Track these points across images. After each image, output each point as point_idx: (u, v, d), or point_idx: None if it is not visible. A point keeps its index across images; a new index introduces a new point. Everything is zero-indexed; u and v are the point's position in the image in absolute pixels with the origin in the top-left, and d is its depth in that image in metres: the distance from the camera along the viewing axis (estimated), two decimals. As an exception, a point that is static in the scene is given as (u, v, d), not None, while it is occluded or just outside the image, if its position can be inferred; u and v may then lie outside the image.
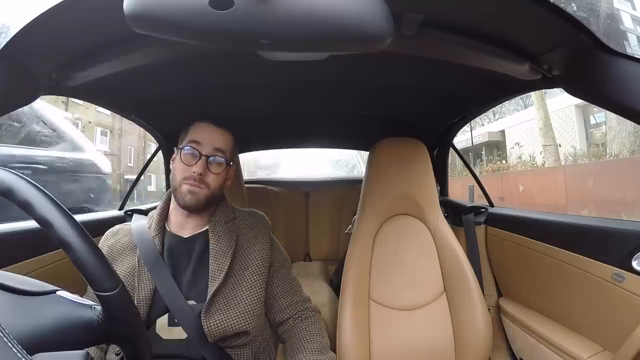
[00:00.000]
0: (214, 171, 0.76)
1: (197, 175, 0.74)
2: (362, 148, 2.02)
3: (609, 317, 0.80)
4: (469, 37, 0.61)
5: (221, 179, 0.79)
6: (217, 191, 0.78)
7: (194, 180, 0.74)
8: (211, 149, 0.76)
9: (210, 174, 0.76)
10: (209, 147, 0.76)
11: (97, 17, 0.53)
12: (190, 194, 0.74)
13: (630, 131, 6.46)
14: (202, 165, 0.75)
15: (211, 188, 0.76)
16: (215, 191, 0.78)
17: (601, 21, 0.49)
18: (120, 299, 0.40)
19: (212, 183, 0.76)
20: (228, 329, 0.71)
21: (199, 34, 0.39)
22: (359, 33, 0.39)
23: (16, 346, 0.28)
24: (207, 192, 0.76)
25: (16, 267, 0.82)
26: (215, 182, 0.77)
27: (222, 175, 0.78)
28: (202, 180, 0.75)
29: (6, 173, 0.37)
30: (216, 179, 0.77)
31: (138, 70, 0.71)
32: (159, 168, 7.18)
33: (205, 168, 0.75)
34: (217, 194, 0.79)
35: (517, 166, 9.68)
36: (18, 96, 0.60)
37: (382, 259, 1.07)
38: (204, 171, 0.75)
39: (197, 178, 0.74)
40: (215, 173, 0.77)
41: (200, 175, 0.74)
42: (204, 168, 0.75)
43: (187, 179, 0.75)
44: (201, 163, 0.75)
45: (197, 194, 0.75)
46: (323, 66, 0.80)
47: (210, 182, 0.76)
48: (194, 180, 0.74)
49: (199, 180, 0.74)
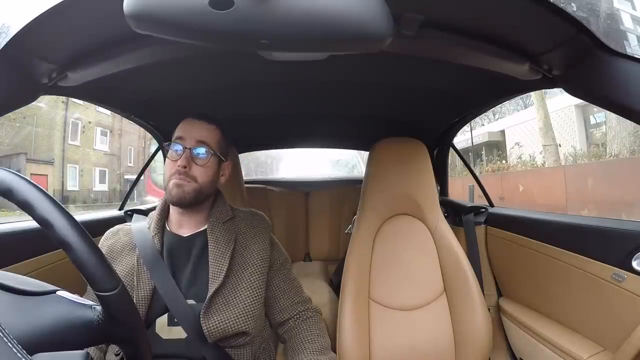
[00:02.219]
0: (198, 163, 0.76)
1: (181, 169, 0.74)
2: (362, 148, 2.03)
3: (609, 317, 0.80)
4: (469, 37, 0.61)
5: (210, 172, 0.78)
6: (206, 185, 0.77)
7: (179, 174, 0.74)
8: (194, 142, 0.76)
9: (195, 166, 0.76)
10: (191, 140, 0.76)
11: (97, 17, 0.53)
12: (176, 187, 0.74)
13: (630, 131, 6.46)
14: (185, 158, 0.74)
15: (199, 181, 0.76)
16: (205, 185, 0.77)
17: (601, 21, 0.49)
18: (120, 299, 0.40)
19: (199, 176, 0.76)
20: (227, 330, 0.71)
21: (199, 34, 0.39)
22: (359, 33, 0.39)
23: (16, 346, 0.28)
24: (194, 186, 0.75)
25: (16, 267, 0.82)
26: (202, 176, 0.76)
27: (209, 167, 0.77)
28: (188, 173, 0.74)
29: (6, 173, 0.37)
30: (203, 172, 0.76)
31: (138, 70, 0.71)
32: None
33: (190, 161, 0.75)
34: (207, 188, 0.78)
35: (517, 166, 9.68)
36: (18, 96, 0.60)
37: (382, 258, 1.07)
38: (188, 164, 0.74)
39: (181, 171, 0.74)
40: (200, 165, 0.76)
41: (185, 168, 0.74)
42: (188, 161, 0.75)
43: (173, 175, 0.75)
44: (185, 156, 0.75)
45: (183, 187, 0.74)
46: (323, 66, 0.80)
47: (196, 176, 0.75)
48: (179, 173, 0.74)
49: (185, 173, 0.74)
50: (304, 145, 2.03)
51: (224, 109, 1.26)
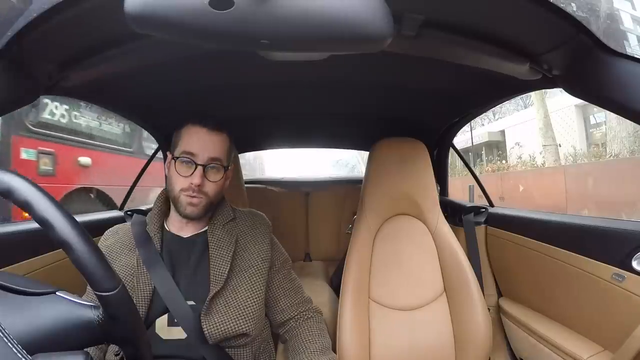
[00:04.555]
0: (212, 179, 0.75)
1: (195, 187, 0.73)
2: (362, 148, 2.02)
3: (609, 317, 0.80)
4: (469, 37, 0.61)
5: (220, 185, 0.78)
6: (216, 197, 0.78)
7: (192, 192, 0.73)
8: (207, 159, 0.74)
9: (208, 182, 0.75)
10: (204, 156, 0.74)
11: (97, 17, 0.53)
12: (190, 206, 0.74)
13: (630, 131, 6.45)
14: (199, 175, 0.73)
15: (210, 196, 0.76)
16: (215, 197, 0.77)
17: (601, 21, 0.49)
18: (120, 299, 0.40)
19: (211, 191, 0.76)
20: (228, 331, 0.71)
21: (199, 34, 0.39)
22: (359, 33, 0.39)
23: (16, 346, 0.28)
24: (206, 201, 0.75)
25: (16, 267, 0.82)
26: (214, 190, 0.76)
27: (220, 181, 0.77)
28: (201, 190, 0.74)
29: (6, 173, 0.37)
30: (215, 187, 0.76)
31: (138, 70, 0.71)
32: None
33: (203, 178, 0.74)
34: (216, 199, 0.78)
35: (517, 166, 9.66)
36: (18, 96, 0.60)
37: (382, 259, 1.07)
38: (201, 182, 0.73)
39: (195, 189, 0.73)
40: (213, 181, 0.75)
41: (199, 186, 0.73)
42: (202, 178, 0.73)
43: (185, 190, 0.73)
44: (198, 174, 0.73)
45: (197, 205, 0.74)
46: (323, 66, 0.79)
47: (208, 191, 0.75)
48: (192, 191, 0.73)
49: (198, 190, 0.73)
50: (304, 145, 2.03)
51: (224, 109, 1.26)
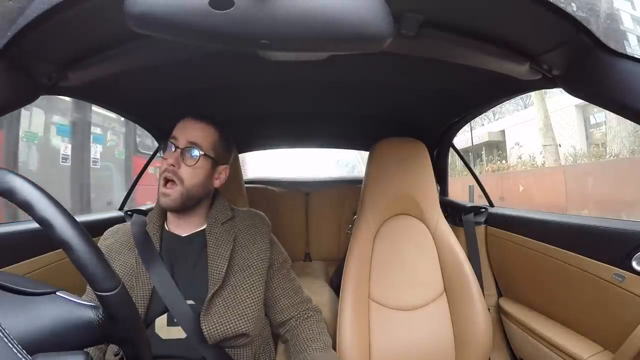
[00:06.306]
0: (187, 164, 0.75)
1: (169, 167, 0.74)
2: (362, 148, 2.02)
3: (609, 317, 0.80)
4: (469, 37, 0.61)
5: (199, 174, 0.76)
6: (195, 187, 0.76)
7: (167, 172, 0.74)
8: (185, 142, 0.75)
9: (184, 166, 0.75)
10: (183, 140, 0.76)
11: (97, 17, 0.53)
12: (163, 196, 0.74)
13: (630, 131, 6.45)
14: (175, 157, 0.74)
15: (185, 184, 0.74)
16: (193, 187, 0.75)
17: (601, 21, 0.49)
18: (120, 299, 0.40)
19: (187, 178, 0.74)
20: (227, 332, 0.71)
21: (199, 34, 0.39)
22: (359, 33, 0.39)
23: (16, 346, 0.28)
24: (180, 190, 0.74)
25: (16, 267, 0.82)
26: (190, 177, 0.75)
27: (198, 169, 0.76)
28: (176, 172, 0.74)
29: (6, 173, 0.37)
30: (191, 173, 0.75)
31: (138, 70, 0.71)
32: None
33: (179, 161, 0.74)
34: (195, 191, 0.76)
35: (517, 166, 9.67)
36: (18, 96, 0.60)
37: (382, 259, 1.07)
38: (176, 163, 0.74)
39: (169, 169, 0.74)
40: (189, 166, 0.75)
41: (173, 167, 0.74)
42: (177, 160, 0.74)
43: (162, 172, 0.75)
44: (175, 155, 0.74)
45: (169, 195, 0.74)
46: (323, 66, 0.79)
47: (183, 177, 0.74)
48: (167, 171, 0.74)
49: (172, 172, 0.74)
50: (304, 145, 2.03)
51: (224, 109, 1.26)
